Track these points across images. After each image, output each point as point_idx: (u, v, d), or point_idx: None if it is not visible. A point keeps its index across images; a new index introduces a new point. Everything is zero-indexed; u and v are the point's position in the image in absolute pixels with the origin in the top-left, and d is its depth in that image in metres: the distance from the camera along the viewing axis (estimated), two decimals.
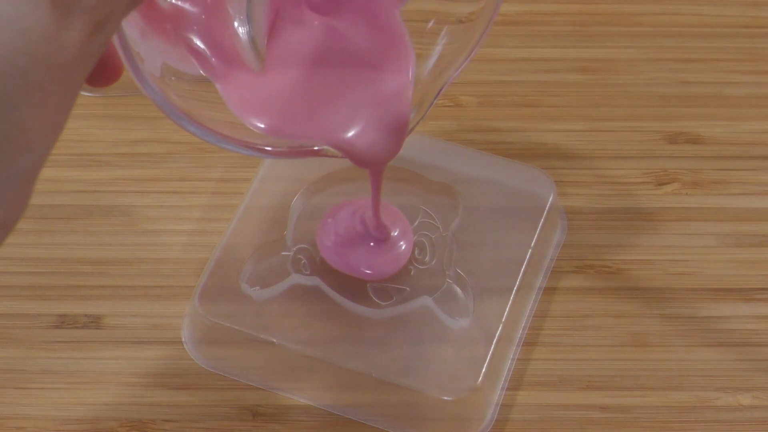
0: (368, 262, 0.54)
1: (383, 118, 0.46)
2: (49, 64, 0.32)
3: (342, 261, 0.54)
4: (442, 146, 0.58)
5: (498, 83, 0.63)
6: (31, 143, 0.33)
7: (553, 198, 0.56)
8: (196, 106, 0.45)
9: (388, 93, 0.47)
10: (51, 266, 0.57)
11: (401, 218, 0.56)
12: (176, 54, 0.45)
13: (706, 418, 0.52)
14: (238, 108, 0.46)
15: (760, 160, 0.60)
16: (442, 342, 0.52)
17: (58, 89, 0.33)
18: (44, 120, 0.33)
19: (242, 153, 0.46)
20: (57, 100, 0.33)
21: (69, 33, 0.32)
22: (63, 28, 0.32)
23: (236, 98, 0.46)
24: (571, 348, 0.54)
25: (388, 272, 0.54)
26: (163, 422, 0.52)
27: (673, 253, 0.57)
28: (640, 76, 0.63)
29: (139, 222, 0.58)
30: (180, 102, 0.44)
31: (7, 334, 0.54)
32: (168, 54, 0.45)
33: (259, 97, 0.46)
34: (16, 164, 0.32)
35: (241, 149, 0.46)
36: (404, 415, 0.51)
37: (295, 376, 0.52)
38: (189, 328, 0.54)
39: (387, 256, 0.55)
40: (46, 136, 0.33)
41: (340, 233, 0.55)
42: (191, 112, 0.44)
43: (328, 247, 0.54)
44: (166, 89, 0.44)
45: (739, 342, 0.54)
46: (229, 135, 0.45)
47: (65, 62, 0.33)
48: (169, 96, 0.44)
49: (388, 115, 0.47)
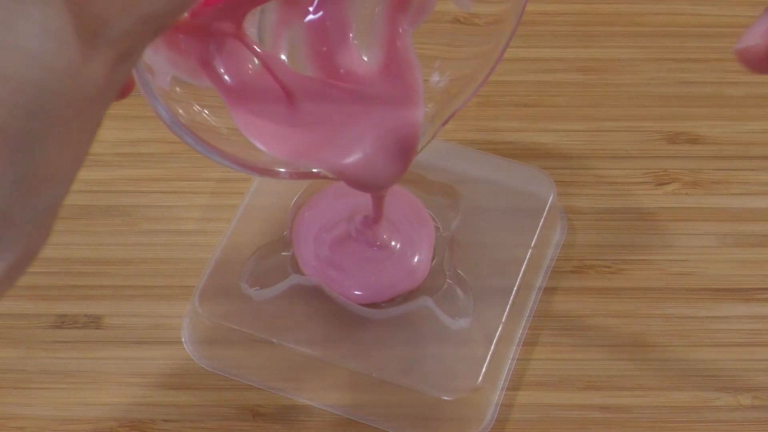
0: (365, 279, 0.54)
1: (390, 146, 0.46)
2: (73, 99, 0.31)
3: (328, 274, 0.54)
4: (442, 146, 0.58)
5: (498, 83, 0.63)
6: (55, 179, 0.33)
7: (553, 198, 0.56)
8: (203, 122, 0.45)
9: (398, 121, 0.47)
10: (51, 266, 0.57)
11: (424, 221, 0.56)
12: (187, 67, 0.45)
13: (706, 418, 0.52)
14: (245, 126, 0.46)
15: (760, 160, 0.60)
16: (442, 342, 0.52)
17: (81, 124, 0.32)
18: (68, 155, 0.32)
19: (244, 172, 0.46)
20: (80, 134, 0.33)
21: (94, 66, 0.32)
22: (88, 62, 0.31)
23: (245, 116, 0.46)
24: (571, 348, 0.54)
25: (392, 292, 0.54)
26: (163, 422, 0.52)
27: (673, 253, 0.57)
28: (640, 76, 0.63)
29: (139, 222, 0.58)
30: (186, 118, 0.44)
31: (7, 334, 0.54)
32: (179, 66, 0.44)
33: (267, 116, 0.46)
34: (40, 199, 0.33)
35: (244, 170, 0.45)
36: (404, 415, 0.51)
37: (295, 376, 0.53)
38: (189, 328, 0.54)
39: (395, 270, 0.54)
40: (69, 171, 0.33)
41: (325, 237, 0.54)
42: (197, 129, 0.44)
43: (309, 253, 0.54)
44: (173, 104, 0.44)
45: (739, 342, 0.54)
46: (233, 154, 0.45)
47: (89, 96, 0.32)
48: (176, 112, 0.44)
49: (395, 143, 0.46)
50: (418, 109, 0.47)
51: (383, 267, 0.54)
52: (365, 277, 0.53)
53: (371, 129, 0.46)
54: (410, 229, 0.55)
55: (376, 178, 0.47)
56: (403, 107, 0.47)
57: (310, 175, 0.47)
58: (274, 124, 0.46)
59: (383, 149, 0.46)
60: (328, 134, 0.46)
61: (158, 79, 0.43)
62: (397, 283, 0.53)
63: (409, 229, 0.55)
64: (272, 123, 0.46)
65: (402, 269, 0.54)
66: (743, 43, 0.37)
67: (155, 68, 0.43)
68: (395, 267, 0.54)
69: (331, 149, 0.46)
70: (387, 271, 0.54)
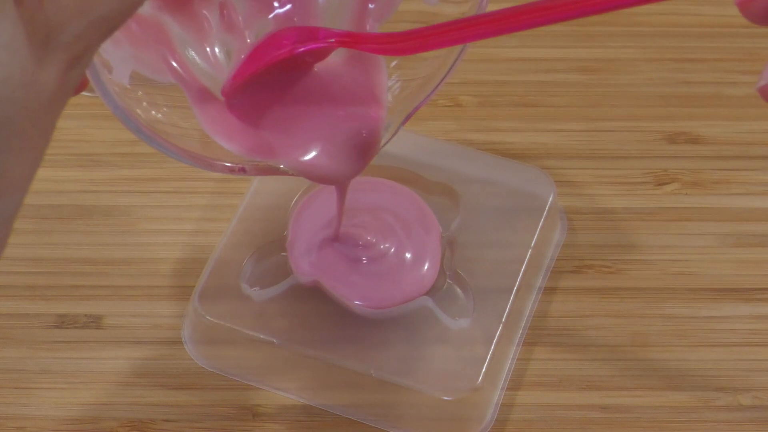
0: (361, 287, 0.54)
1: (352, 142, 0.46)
2: (29, 108, 0.31)
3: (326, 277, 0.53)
4: (441, 146, 0.58)
5: (498, 83, 0.63)
6: (13, 187, 0.32)
7: (553, 198, 0.56)
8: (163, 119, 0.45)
9: (361, 117, 0.47)
10: (51, 266, 0.57)
11: (432, 226, 0.56)
12: (149, 62, 0.45)
13: (706, 418, 0.52)
14: (207, 122, 0.46)
15: (760, 160, 0.60)
16: (442, 342, 0.52)
17: (38, 131, 0.32)
18: (25, 163, 0.32)
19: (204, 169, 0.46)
20: (37, 141, 0.32)
21: (47, 73, 0.32)
22: (41, 69, 0.31)
23: (207, 112, 0.46)
24: (571, 348, 0.54)
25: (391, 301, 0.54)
26: (163, 422, 0.52)
27: (673, 253, 0.57)
28: (640, 76, 0.63)
29: (139, 222, 0.58)
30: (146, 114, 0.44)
31: (7, 334, 0.54)
32: (140, 62, 0.44)
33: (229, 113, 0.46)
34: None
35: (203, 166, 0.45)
36: (404, 415, 0.51)
37: (296, 376, 0.52)
38: (189, 328, 0.54)
39: (405, 281, 0.54)
40: (26, 178, 0.32)
41: (315, 240, 0.54)
42: (155, 126, 0.44)
43: (302, 254, 0.54)
44: (131, 100, 0.43)
45: (739, 342, 0.54)
46: (193, 151, 0.45)
47: (44, 103, 0.32)
48: (134, 108, 0.43)
49: (357, 140, 0.46)
50: (381, 106, 0.47)
51: (394, 279, 0.53)
52: (374, 289, 0.53)
53: (334, 125, 0.46)
54: (420, 235, 0.55)
55: (337, 173, 0.47)
56: (367, 103, 0.47)
57: (272, 170, 0.46)
58: (236, 120, 0.46)
59: (345, 145, 0.46)
60: (290, 130, 0.46)
61: (117, 74, 0.43)
62: (406, 294, 0.53)
63: (420, 235, 0.55)
64: (234, 119, 0.46)
65: (412, 280, 0.54)
66: (763, 81, 0.36)
67: (114, 64, 0.43)
68: (406, 278, 0.54)
69: (294, 145, 0.46)
70: (397, 282, 0.53)
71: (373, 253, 0.54)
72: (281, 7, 0.47)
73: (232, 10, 0.46)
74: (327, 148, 0.46)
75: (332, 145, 0.46)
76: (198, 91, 0.46)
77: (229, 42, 0.47)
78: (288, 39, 0.45)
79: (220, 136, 0.46)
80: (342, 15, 0.47)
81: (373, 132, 0.46)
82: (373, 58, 0.47)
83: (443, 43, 0.43)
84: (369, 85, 0.47)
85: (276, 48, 0.45)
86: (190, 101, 0.45)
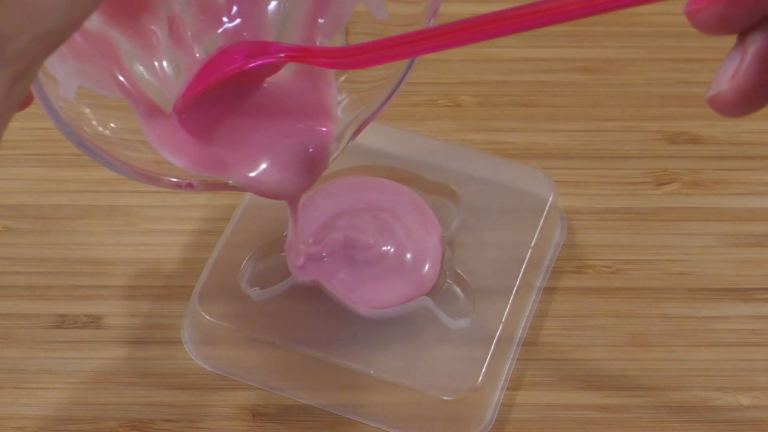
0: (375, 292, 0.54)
1: (301, 158, 0.46)
2: None
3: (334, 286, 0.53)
4: (441, 146, 0.58)
5: (498, 83, 0.63)
6: None
7: (553, 198, 0.56)
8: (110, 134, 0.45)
9: (310, 132, 0.47)
10: (51, 266, 0.57)
11: (430, 225, 0.56)
12: (96, 77, 0.44)
13: (706, 418, 0.52)
14: (155, 137, 0.46)
15: (760, 160, 0.60)
16: (442, 342, 0.52)
17: None
18: None
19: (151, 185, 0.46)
20: None
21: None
22: None
23: (154, 127, 0.46)
24: (571, 348, 0.54)
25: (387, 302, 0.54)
26: (163, 422, 0.52)
27: (673, 253, 0.57)
28: (640, 76, 0.63)
29: (139, 222, 0.58)
30: (90, 130, 0.44)
31: (7, 334, 0.54)
32: (87, 77, 0.44)
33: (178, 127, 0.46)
34: None
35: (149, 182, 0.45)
36: (404, 415, 0.51)
37: (295, 376, 0.52)
38: (189, 328, 0.54)
39: (406, 282, 0.54)
40: None
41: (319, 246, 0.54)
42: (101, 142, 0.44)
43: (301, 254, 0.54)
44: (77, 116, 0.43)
45: (739, 342, 0.54)
46: (138, 166, 0.45)
47: None
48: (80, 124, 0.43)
49: (306, 155, 0.46)
50: (331, 120, 0.47)
51: (394, 279, 0.54)
52: (374, 290, 0.53)
53: (282, 140, 0.46)
54: (420, 236, 0.55)
55: (284, 189, 0.47)
56: (316, 118, 0.47)
57: (221, 186, 0.46)
58: (186, 135, 0.46)
59: (293, 161, 0.46)
60: (239, 145, 0.46)
61: (63, 89, 0.43)
62: (406, 294, 0.53)
63: (420, 235, 0.55)
64: (184, 134, 0.46)
65: (413, 280, 0.54)
66: (712, 90, 0.36)
67: (60, 78, 0.43)
68: (406, 278, 0.54)
69: (242, 160, 0.46)
70: (397, 283, 0.53)
71: (373, 253, 0.54)
72: (230, 22, 0.47)
73: (180, 25, 0.46)
74: (274, 164, 0.46)
75: (280, 161, 0.46)
76: (146, 106, 0.45)
77: (177, 57, 0.47)
78: (239, 54, 0.45)
79: (169, 152, 0.46)
80: (291, 30, 0.47)
81: (321, 147, 0.46)
82: (322, 72, 0.47)
83: (394, 56, 0.43)
84: (318, 100, 0.47)
85: (227, 63, 0.45)
86: (137, 116, 0.45)
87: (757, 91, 0.35)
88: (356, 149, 0.57)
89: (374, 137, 0.58)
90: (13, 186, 0.59)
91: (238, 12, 0.47)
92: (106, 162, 0.44)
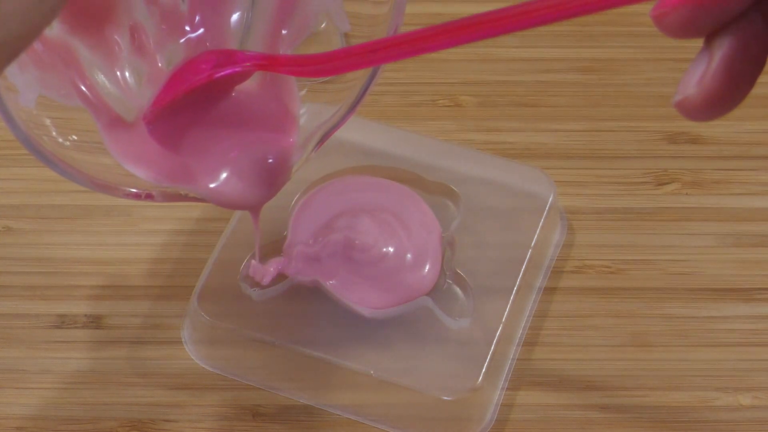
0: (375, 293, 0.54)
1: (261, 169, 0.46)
2: None
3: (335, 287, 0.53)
4: (442, 146, 0.58)
5: (498, 83, 0.63)
6: None
7: (553, 198, 0.56)
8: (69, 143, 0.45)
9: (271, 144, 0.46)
10: (51, 266, 0.57)
11: (430, 225, 0.56)
12: (57, 86, 0.44)
13: (706, 418, 0.52)
14: (114, 147, 0.45)
15: (760, 160, 0.60)
16: (442, 342, 0.52)
17: None
18: None
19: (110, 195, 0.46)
20: None
21: None
22: None
23: (114, 137, 0.45)
24: (571, 348, 0.54)
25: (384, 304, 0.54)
26: (163, 422, 0.52)
27: (673, 253, 0.57)
28: (640, 76, 0.63)
29: (139, 222, 0.58)
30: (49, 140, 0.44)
31: (7, 334, 0.54)
32: (47, 86, 0.44)
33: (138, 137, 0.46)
34: None
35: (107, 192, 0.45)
36: (404, 415, 0.51)
37: (295, 376, 0.52)
38: (189, 328, 0.54)
39: (406, 283, 0.54)
40: None
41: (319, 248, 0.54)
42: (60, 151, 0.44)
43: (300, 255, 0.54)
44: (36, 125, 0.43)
45: (739, 342, 0.54)
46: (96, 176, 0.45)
47: None
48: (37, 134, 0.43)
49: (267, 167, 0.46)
50: (293, 132, 0.46)
51: (395, 280, 0.54)
52: (374, 290, 0.53)
53: (244, 150, 0.46)
54: (421, 236, 0.55)
55: (245, 201, 0.47)
56: (279, 128, 0.46)
57: (180, 197, 0.46)
58: (144, 145, 0.46)
59: (254, 173, 0.46)
60: (200, 154, 0.46)
61: (23, 98, 0.43)
62: (407, 295, 0.53)
63: (420, 236, 0.55)
64: (142, 144, 0.46)
65: (413, 280, 0.54)
66: (679, 95, 0.36)
67: (20, 87, 0.42)
68: (406, 279, 0.54)
69: (203, 170, 0.46)
70: (398, 283, 0.53)
71: (374, 253, 0.54)
72: (193, 32, 0.47)
73: (142, 34, 0.46)
74: (234, 174, 0.46)
75: (240, 171, 0.46)
76: (107, 115, 0.45)
77: (139, 66, 0.46)
78: (206, 63, 0.44)
79: (129, 161, 0.45)
80: (254, 40, 0.47)
81: (283, 157, 0.46)
82: (287, 81, 0.47)
83: (361, 64, 0.42)
84: (282, 109, 0.47)
85: (195, 73, 0.44)
86: (98, 126, 0.45)
87: (724, 95, 0.35)
88: (356, 149, 0.57)
89: (374, 137, 0.58)
90: (13, 186, 0.59)
91: (201, 22, 0.47)
92: (65, 172, 0.44)
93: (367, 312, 0.52)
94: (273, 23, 0.47)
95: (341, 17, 0.46)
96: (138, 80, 0.46)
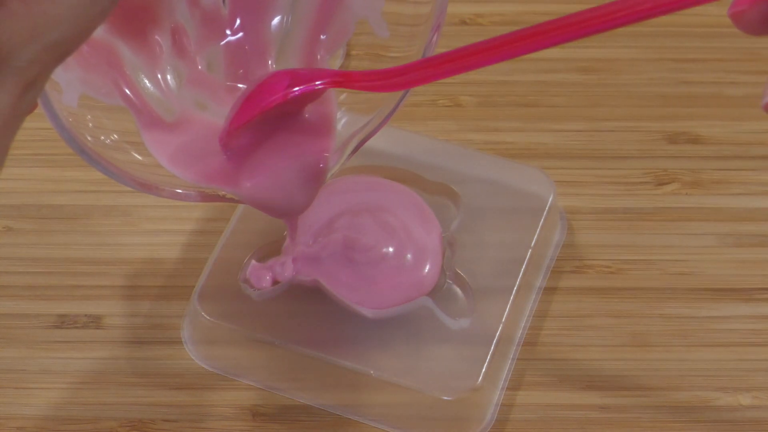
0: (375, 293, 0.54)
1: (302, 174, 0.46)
2: None
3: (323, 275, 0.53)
4: (442, 146, 0.58)
5: (498, 83, 0.63)
6: None
7: (553, 198, 0.56)
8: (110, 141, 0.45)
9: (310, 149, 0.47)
10: (51, 266, 0.57)
11: (430, 225, 0.56)
12: (99, 86, 0.45)
13: (706, 418, 0.52)
14: (154, 146, 0.46)
15: (760, 160, 0.60)
16: (442, 342, 0.52)
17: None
18: None
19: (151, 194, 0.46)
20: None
21: (1, 98, 0.31)
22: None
23: (154, 136, 0.46)
24: (571, 348, 0.54)
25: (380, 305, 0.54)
26: (163, 422, 0.52)
27: (673, 253, 0.57)
28: (640, 76, 0.63)
29: (139, 222, 0.58)
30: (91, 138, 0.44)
31: (7, 334, 0.54)
32: (90, 85, 0.44)
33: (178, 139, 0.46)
34: None
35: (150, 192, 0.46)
36: (404, 415, 0.51)
37: (295, 376, 0.53)
38: (189, 328, 0.54)
39: (406, 283, 0.54)
40: None
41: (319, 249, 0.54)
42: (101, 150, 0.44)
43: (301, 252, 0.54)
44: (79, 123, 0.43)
45: (739, 342, 0.54)
46: (136, 176, 0.45)
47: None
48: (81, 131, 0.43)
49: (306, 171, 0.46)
50: (331, 138, 0.47)
51: (395, 280, 0.53)
52: (374, 290, 0.53)
53: (284, 155, 0.46)
54: (421, 236, 0.55)
55: (286, 205, 0.47)
56: (316, 135, 0.47)
57: (218, 198, 0.47)
58: (184, 146, 0.46)
59: (295, 177, 0.46)
60: (239, 158, 0.46)
61: (66, 97, 0.43)
62: (407, 295, 0.53)
63: (420, 236, 0.55)
64: (183, 145, 0.46)
65: (413, 281, 0.54)
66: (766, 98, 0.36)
67: (64, 86, 0.43)
68: (407, 279, 0.54)
69: (242, 174, 0.46)
70: (398, 283, 0.53)
71: (374, 253, 0.54)
72: (233, 35, 0.47)
73: (183, 36, 0.47)
74: (279, 181, 0.46)
75: (285, 179, 0.46)
76: (147, 116, 0.46)
77: (180, 68, 0.47)
78: (280, 83, 0.45)
79: (167, 161, 0.46)
80: (293, 45, 0.47)
81: (323, 164, 0.47)
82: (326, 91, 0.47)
83: (435, 76, 0.42)
84: (319, 117, 0.47)
85: (270, 93, 0.45)
86: (138, 125, 0.46)
87: None
88: None
89: (375, 137, 0.58)
90: (13, 186, 0.59)
91: (241, 25, 0.47)
92: (107, 170, 0.44)
93: (367, 312, 0.52)
94: (312, 28, 0.47)
95: (379, 23, 0.46)
96: (178, 82, 0.47)
